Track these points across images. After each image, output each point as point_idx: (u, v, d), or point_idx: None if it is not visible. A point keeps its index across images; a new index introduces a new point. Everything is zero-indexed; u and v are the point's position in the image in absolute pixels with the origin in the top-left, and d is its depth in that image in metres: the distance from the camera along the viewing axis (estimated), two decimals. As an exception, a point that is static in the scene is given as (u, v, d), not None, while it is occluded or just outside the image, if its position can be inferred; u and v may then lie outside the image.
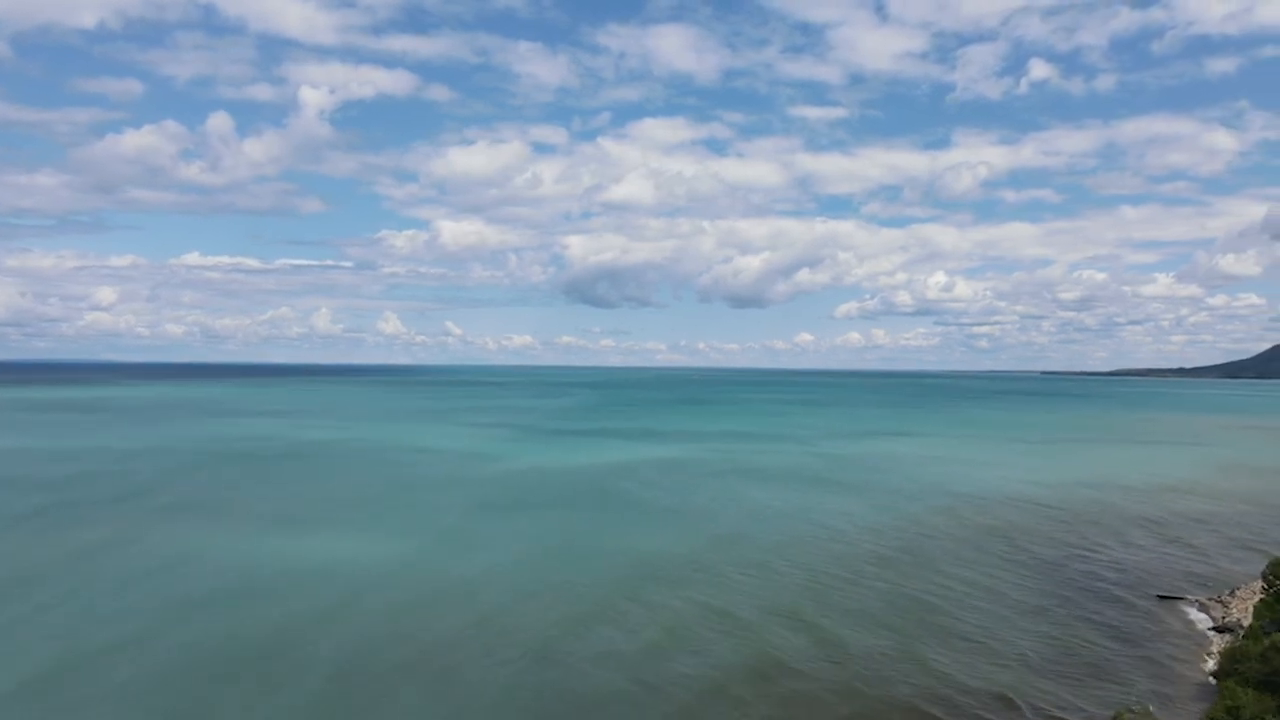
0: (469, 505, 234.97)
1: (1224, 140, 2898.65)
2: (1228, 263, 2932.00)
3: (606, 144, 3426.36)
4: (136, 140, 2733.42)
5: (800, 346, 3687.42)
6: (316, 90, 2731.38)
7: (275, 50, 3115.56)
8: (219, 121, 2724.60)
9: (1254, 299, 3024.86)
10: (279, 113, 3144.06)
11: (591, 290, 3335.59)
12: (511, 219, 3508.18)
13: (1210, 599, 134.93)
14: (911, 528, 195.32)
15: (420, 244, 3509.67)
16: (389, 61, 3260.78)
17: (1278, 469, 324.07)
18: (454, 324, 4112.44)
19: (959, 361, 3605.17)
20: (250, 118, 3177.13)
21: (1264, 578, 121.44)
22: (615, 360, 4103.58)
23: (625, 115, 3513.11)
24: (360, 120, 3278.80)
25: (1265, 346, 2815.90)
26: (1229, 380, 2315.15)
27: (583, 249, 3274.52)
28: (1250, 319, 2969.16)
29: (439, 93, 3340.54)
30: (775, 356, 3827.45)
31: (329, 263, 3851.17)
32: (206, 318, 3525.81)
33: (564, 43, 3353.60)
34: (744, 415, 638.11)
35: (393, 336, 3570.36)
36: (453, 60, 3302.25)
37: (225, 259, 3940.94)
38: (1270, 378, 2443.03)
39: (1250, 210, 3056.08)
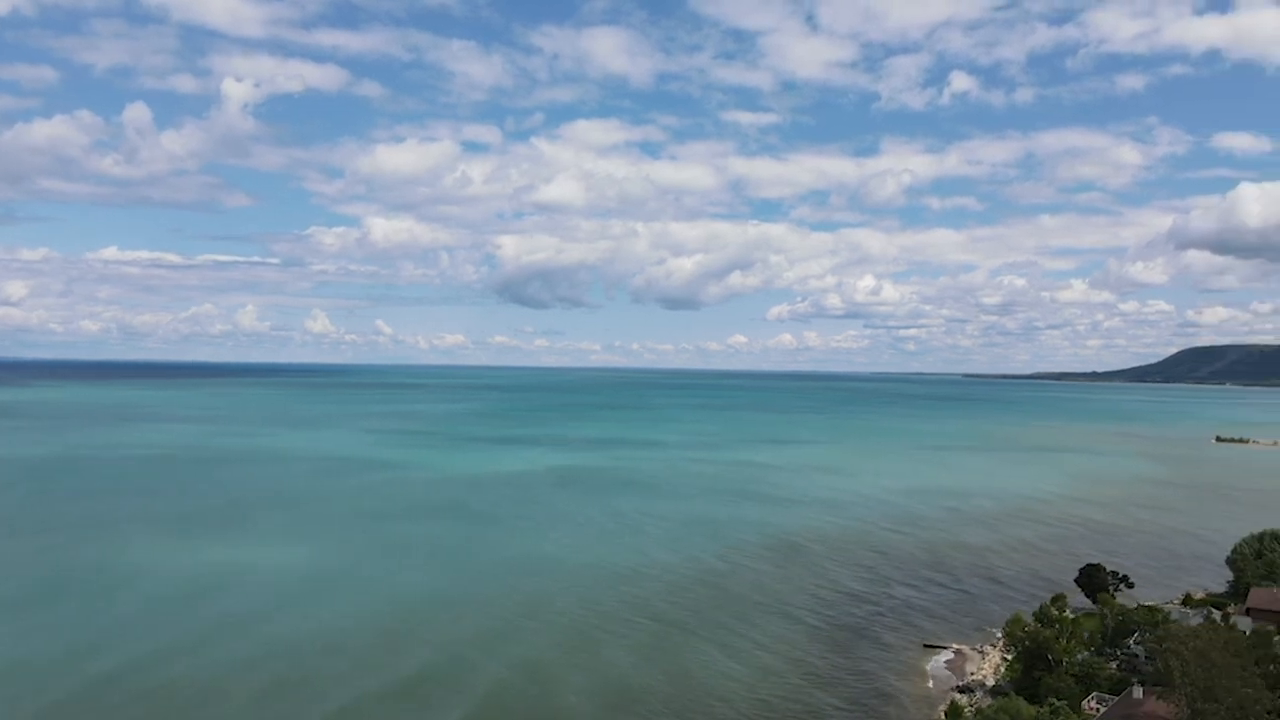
0: (356, 513, 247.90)
1: (1132, 155, 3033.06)
2: (1137, 270, 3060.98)
3: (540, 144, 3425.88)
4: (48, 129, 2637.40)
5: (734, 348, 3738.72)
6: (241, 83, 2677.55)
7: (199, 41, 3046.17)
8: (136, 112, 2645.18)
9: (1163, 305, 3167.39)
10: (202, 105, 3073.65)
11: (524, 290, 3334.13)
12: (444, 217, 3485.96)
13: (974, 648, 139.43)
14: (731, 554, 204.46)
15: (351, 241, 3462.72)
16: (318, 56, 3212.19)
17: (1120, 481, 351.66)
18: (385, 323, 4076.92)
19: (888, 363, 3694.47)
20: (172, 109, 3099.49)
21: (1004, 635, 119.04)
22: (549, 360, 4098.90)
23: (559, 116, 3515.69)
24: (288, 115, 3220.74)
25: (1172, 351, 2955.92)
26: (1136, 384, 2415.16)
27: (516, 249, 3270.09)
28: (1159, 324, 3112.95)
29: (370, 89, 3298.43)
30: (709, 358, 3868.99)
31: (255, 259, 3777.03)
32: (124, 314, 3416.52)
33: (498, 42, 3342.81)
34: (654, 422, 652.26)
35: (321, 335, 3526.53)
36: (384, 56, 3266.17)
37: (145, 254, 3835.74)
38: (1175, 381, 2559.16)
39: (1158, 221, 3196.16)
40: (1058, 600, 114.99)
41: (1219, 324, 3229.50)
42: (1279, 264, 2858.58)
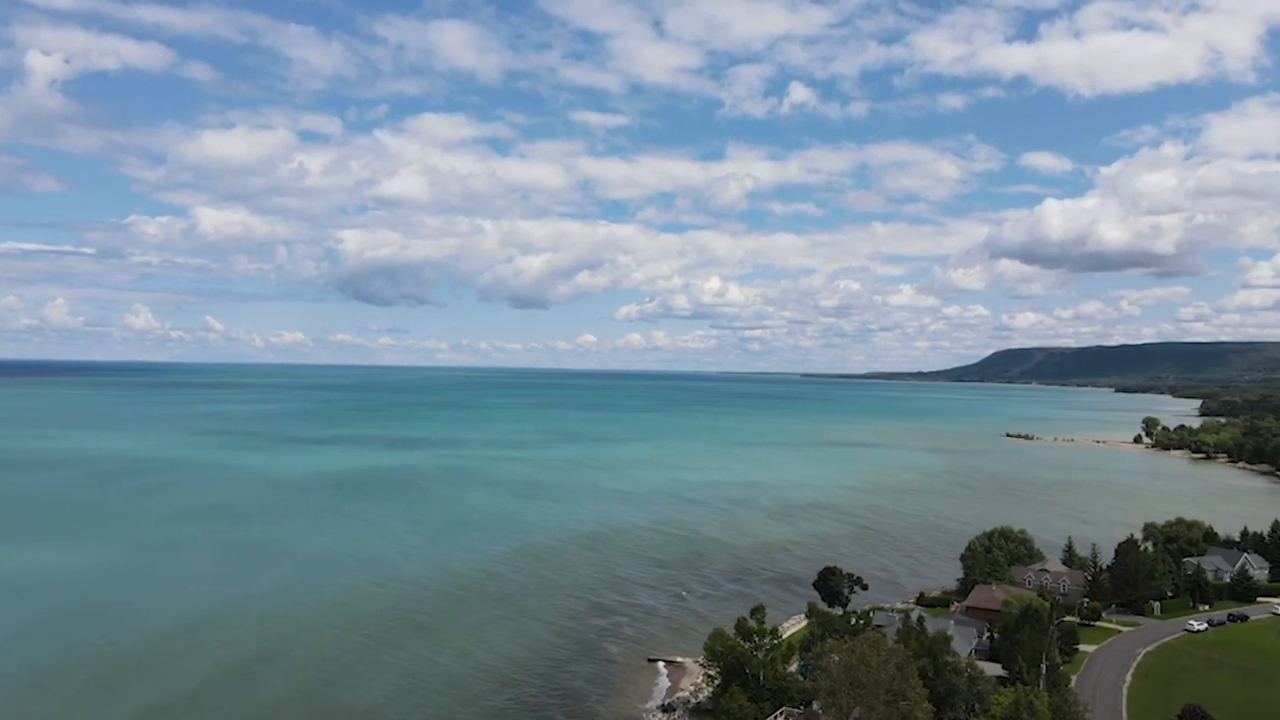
0: (128, 517, 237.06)
1: (951, 169, 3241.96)
2: (958, 277, 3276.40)
3: (384, 137, 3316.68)
4: None
5: (583, 347, 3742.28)
6: (49, 57, 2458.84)
7: (1, 9, 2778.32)
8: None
9: (981, 310, 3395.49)
10: (3, 79, 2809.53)
11: (367, 287, 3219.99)
12: (280, 210, 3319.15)
13: (697, 661, 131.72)
14: (490, 560, 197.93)
15: (176, 232, 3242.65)
16: (139, 33, 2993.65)
17: (905, 476, 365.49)
18: (215, 319, 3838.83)
19: (734, 363, 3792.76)
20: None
21: (705, 649, 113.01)
22: (394, 359, 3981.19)
23: (404, 109, 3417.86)
24: (103, 94, 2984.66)
25: (988, 353, 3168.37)
26: (955, 384, 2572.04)
27: (358, 244, 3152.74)
28: (978, 328, 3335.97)
29: (199, 71, 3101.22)
30: (558, 357, 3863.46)
31: (67, 248, 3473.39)
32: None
33: (339, 29, 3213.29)
34: (478, 422, 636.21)
35: (144, 331, 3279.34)
36: (215, 38, 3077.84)
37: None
38: (989, 380, 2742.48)
39: (976, 231, 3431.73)
40: (756, 612, 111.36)
41: (1029, 328, 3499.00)
42: (1078, 274, 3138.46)
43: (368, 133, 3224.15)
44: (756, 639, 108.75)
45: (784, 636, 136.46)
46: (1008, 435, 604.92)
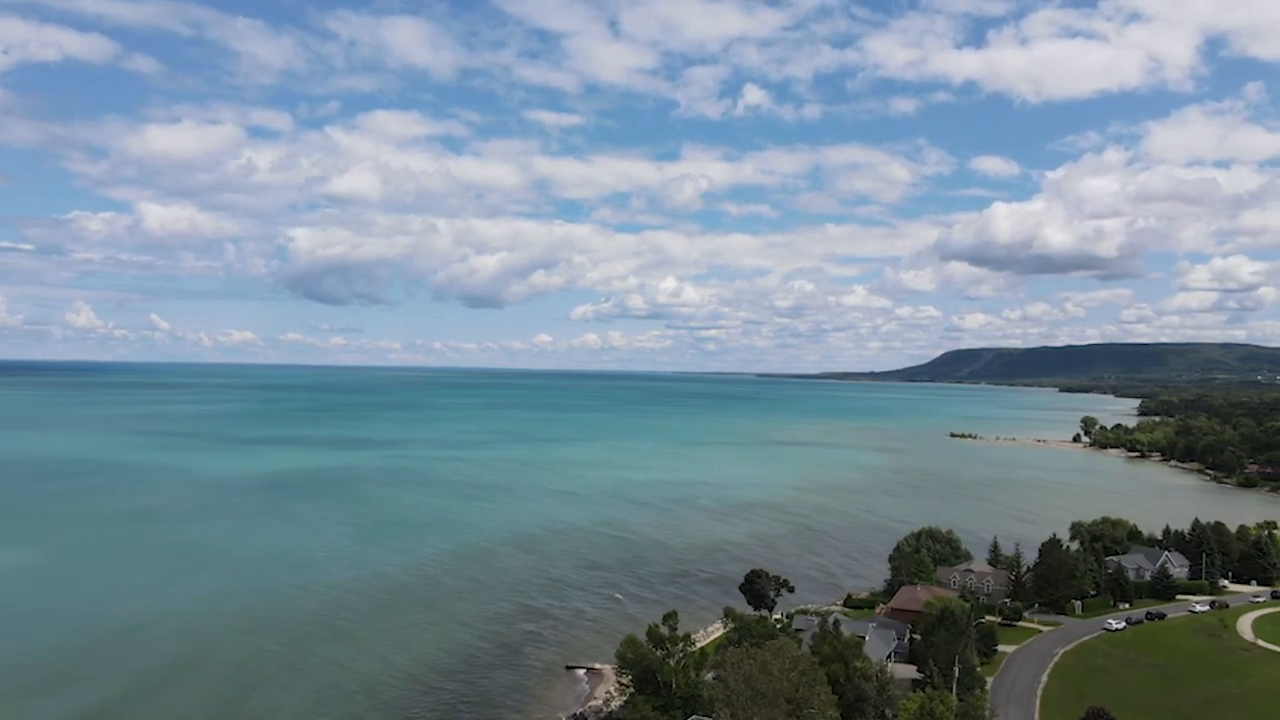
0: (88, 520, 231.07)
1: (903, 172, 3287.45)
2: (910, 278, 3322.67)
3: (336, 134, 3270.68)
4: None
5: (539, 347, 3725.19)
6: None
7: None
8: None
9: (932, 310, 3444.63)
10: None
11: (319, 286, 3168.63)
12: (229, 206, 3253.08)
13: (615, 668, 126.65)
14: (423, 562, 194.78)
15: (120, 228, 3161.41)
16: (81, 24, 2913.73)
17: (849, 475, 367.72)
18: (161, 317, 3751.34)
19: (690, 363, 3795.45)
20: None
21: (617, 657, 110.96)
22: (347, 359, 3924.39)
23: (356, 105, 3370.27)
24: (43, 86, 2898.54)
25: (939, 353, 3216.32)
26: (907, 383, 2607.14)
27: (309, 242, 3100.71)
28: (929, 328, 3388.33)
29: (143, 64, 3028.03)
30: (514, 357, 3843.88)
31: (5, 244, 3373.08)
32: None
33: (289, 24, 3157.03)
34: (424, 423, 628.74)
35: (86, 330, 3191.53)
36: (159, 30, 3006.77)
37: None
38: (939, 380, 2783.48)
39: (927, 233, 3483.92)
40: (669, 618, 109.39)
41: (978, 328, 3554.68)
42: (1025, 276, 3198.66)
43: (319, 129, 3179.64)
44: (669, 646, 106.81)
45: (708, 641, 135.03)
46: (952, 435, 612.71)
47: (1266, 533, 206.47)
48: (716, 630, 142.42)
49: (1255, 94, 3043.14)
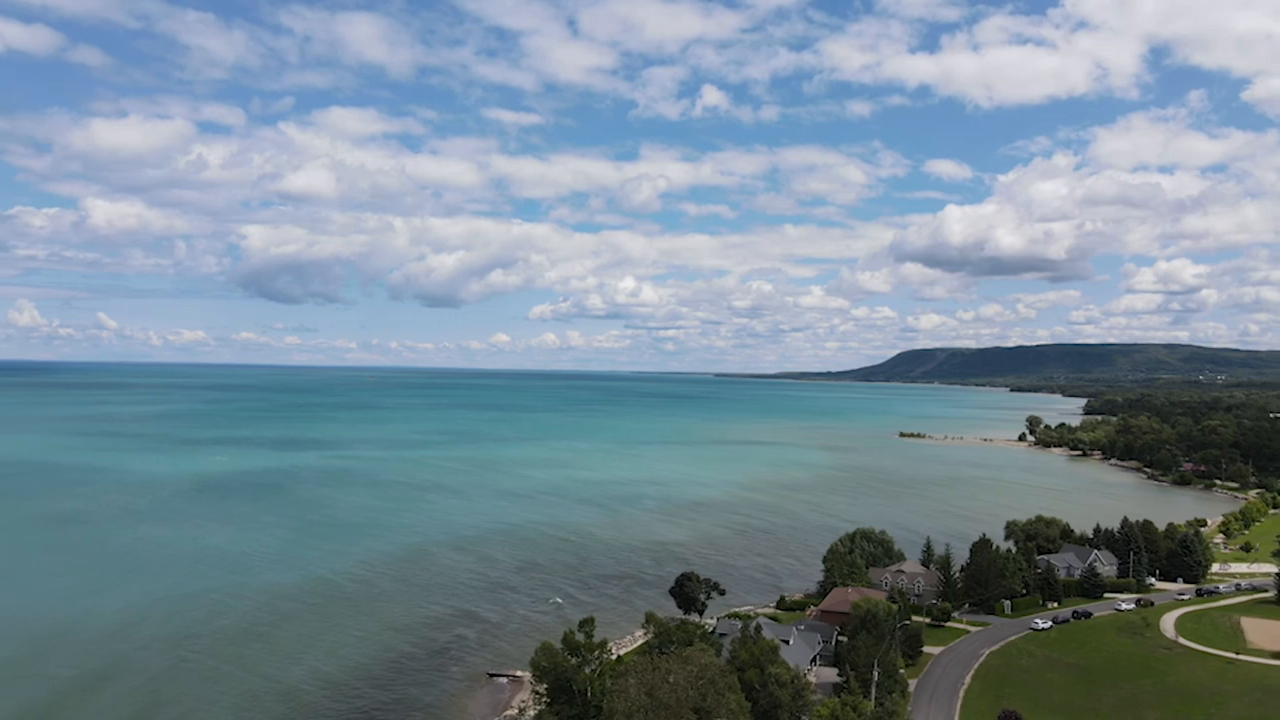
0: (13, 524, 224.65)
1: (858, 174, 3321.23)
2: (866, 279, 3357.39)
3: (289, 130, 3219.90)
4: None
5: (497, 347, 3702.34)
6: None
7: None
8: None
9: (888, 311, 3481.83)
10: None
11: (273, 284, 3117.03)
12: (179, 203, 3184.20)
13: (532, 677, 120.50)
14: (356, 565, 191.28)
15: (66, 225, 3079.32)
16: (25, 15, 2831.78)
17: (794, 474, 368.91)
18: (108, 316, 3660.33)
19: (649, 363, 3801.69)
20: None
21: (531, 664, 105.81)
22: (302, 359, 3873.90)
23: (311, 102, 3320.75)
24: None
25: (894, 353, 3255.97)
26: (862, 383, 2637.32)
27: (263, 240, 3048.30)
28: (885, 329, 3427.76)
29: (89, 56, 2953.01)
30: (471, 356, 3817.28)
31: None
32: None
33: (241, 17, 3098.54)
34: (368, 423, 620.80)
35: (29, 328, 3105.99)
36: (106, 22, 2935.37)
37: None
38: (894, 380, 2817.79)
39: (883, 235, 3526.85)
40: (585, 624, 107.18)
41: (932, 329, 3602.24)
42: (978, 278, 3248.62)
43: (273, 125, 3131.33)
44: (584, 653, 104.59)
45: (633, 647, 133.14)
46: (901, 434, 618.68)
47: (1194, 531, 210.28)
48: (641, 636, 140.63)
49: (1197, 102, 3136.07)
